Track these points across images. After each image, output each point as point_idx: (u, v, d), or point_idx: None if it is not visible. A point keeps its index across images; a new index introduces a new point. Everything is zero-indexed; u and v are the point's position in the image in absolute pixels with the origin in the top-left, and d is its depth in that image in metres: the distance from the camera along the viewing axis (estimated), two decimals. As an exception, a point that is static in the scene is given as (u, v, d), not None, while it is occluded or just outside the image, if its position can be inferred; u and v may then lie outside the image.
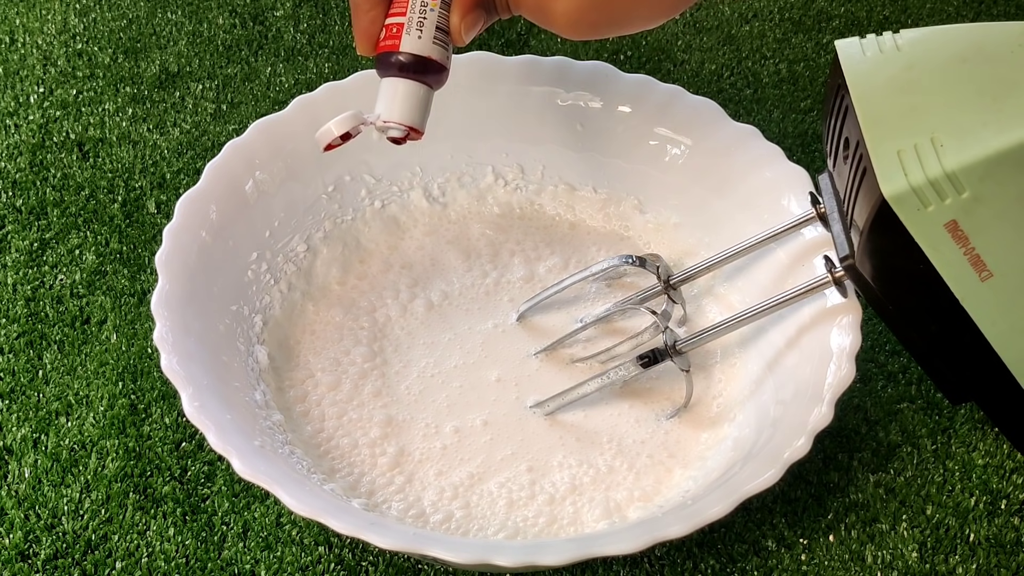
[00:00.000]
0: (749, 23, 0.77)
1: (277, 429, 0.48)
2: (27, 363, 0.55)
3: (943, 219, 0.39)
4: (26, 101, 0.69)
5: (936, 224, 0.40)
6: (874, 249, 0.42)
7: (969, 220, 0.39)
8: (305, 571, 0.48)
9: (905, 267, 0.41)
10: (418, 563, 0.48)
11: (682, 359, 0.50)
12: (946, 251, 0.40)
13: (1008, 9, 0.79)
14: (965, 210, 0.39)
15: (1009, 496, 0.51)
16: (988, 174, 0.38)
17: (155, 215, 0.63)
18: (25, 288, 0.58)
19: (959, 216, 0.39)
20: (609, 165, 0.60)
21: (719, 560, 0.48)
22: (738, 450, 0.48)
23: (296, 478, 0.44)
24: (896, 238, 0.40)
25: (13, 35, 0.73)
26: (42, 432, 0.52)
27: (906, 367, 0.56)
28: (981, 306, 0.42)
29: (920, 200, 0.39)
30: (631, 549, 0.40)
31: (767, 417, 0.48)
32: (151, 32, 0.74)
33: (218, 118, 0.68)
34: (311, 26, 0.75)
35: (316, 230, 0.57)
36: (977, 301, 0.42)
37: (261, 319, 0.53)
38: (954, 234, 0.40)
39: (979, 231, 0.40)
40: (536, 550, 0.40)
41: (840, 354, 0.47)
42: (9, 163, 0.65)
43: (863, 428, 0.53)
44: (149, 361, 0.55)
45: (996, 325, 0.43)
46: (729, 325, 0.50)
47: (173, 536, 0.49)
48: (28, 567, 0.48)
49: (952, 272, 0.41)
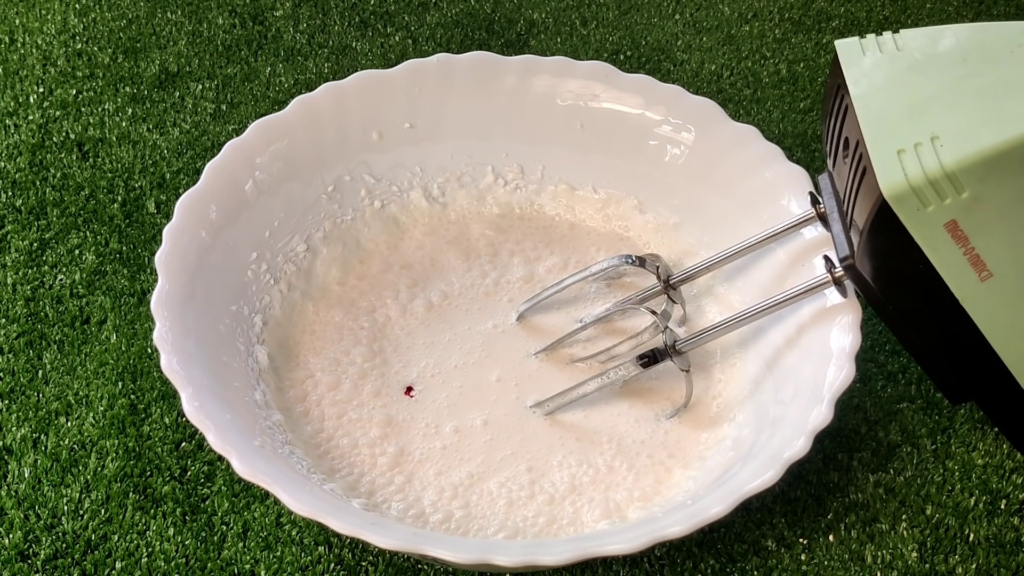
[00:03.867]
0: (749, 23, 0.77)
1: (277, 429, 0.48)
2: (27, 363, 0.55)
3: (943, 219, 0.39)
4: (26, 101, 0.69)
5: (936, 224, 0.39)
6: (874, 249, 0.42)
7: (969, 220, 0.39)
8: (305, 571, 0.48)
9: (905, 267, 0.41)
10: (418, 563, 0.48)
11: (682, 359, 0.50)
12: (946, 251, 0.40)
13: (1008, 9, 0.79)
14: (965, 210, 0.39)
15: (1009, 496, 0.51)
16: (988, 174, 0.38)
17: (155, 215, 0.63)
18: (25, 288, 0.58)
19: (959, 216, 0.39)
20: (609, 165, 0.60)
21: (719, 560, 0.48)
22: (738, 450, 0.48)
23: (296, 478, 0.44)
24: (896, 238, 0.40)
25: (13, 35, 0.73)
26: (42, 432, 0.52)
27: (906, 367, 0.56)
28: (981, 306, 0.42)
29: (920, 200, 0.39)
30: (631, 549, 0.40)
31: (767, 417, 0.48)
32: (151, 32, 0.74)
33: (218, 118, 0.68)
34: (311, 26, 0.75)
35: (316, 230, 0.57)
36: (977, 301, 0.42)
37: (261, 319, 0.53)
38: (954, 234, 0.40)
39: (979, 231, 0.40)
40: (536, 550, 0.40)
41: (840, 354, 0.47)
42: (9, 163, 0.65)
43: (863, 428, 0.53)
44: (149, 361, 0.55)
45: (996, 325, 0.43)
46: (729, 325, 0.50)
47: (173, 536, 0.49)
48: (28, 567, 0.48)
49: (952, 272, 0.41)
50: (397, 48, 0.74)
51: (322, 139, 0.56)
